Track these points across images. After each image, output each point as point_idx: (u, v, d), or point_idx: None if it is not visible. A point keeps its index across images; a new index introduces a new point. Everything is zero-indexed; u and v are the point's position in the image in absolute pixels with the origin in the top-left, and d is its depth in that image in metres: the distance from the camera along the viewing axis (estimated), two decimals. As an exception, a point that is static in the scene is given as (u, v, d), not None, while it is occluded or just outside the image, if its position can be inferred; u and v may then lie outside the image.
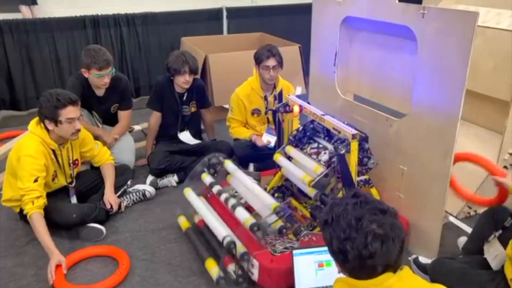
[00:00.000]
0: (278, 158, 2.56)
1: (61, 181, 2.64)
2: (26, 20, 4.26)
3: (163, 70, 3.39)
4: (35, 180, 2.37)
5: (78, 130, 2.51)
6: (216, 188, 2.48)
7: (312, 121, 2.53)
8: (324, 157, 2.37)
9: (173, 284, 2.23)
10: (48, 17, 4.35)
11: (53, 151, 2.51)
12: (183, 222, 2.59)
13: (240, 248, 2.13)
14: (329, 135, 2.47)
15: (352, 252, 1.18)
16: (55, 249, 2.26)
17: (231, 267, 2.15)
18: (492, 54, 2.82)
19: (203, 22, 5.08)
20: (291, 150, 2.52)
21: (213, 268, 2.17)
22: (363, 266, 1.19)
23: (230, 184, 2.58)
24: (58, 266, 2.21)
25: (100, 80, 2.98)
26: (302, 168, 2.41)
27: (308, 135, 2.55)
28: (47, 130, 2.47)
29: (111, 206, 2.69)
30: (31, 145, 2.43)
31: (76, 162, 2.70)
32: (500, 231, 1.97)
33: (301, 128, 2.57)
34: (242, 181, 2.44)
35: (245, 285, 2.15)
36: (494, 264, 1.92)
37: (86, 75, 2.99)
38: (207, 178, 2.57)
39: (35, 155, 2.41)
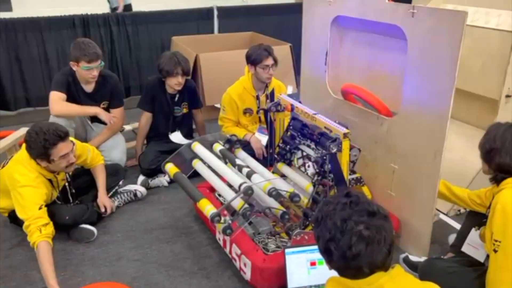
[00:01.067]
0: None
1: (55, 195, 2.57)
2: (14, 20, 4.20)
3: (153, 70, 3.37)
4: (40, 208, 2.26)
5: (72, 164, 2.40)
6: (229, 155, 2.47)
7: (287, 130, 2.52)
8: (310, 170, 2.37)
9: (165, 284, 2.23)
10: (37, 16, 4.31)
11: (50, 179, 2.44)
12: (170, 168, 2.50)
13: (242, 204, 2.11)
14: (310, 137, 2.40)
15: (336, 252, 1.19)
16: (56, 285, 2.05)
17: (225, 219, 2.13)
18: (481, 53, 2.86)
19: (193, 21, 5.06)
20: (282, 167, 2.54)
21: (207, 206, 2.12)
22: (347, 266, 1.20)
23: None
24: None
25: (88, 73, 2.93)
26: (295, 183, 2.43)
27: (289, 147, 2.52)
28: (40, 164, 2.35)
29: (105, 209, 2.66)
30: (29, 176, 2.31)
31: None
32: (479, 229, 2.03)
33: (280, 143, 2.56)
34: (255, 167, 2.43)
35: (231, 235, 2.14)
36: (477, 256, 2.01)
37: (74, 68, 2.95)
38: (219, 147, 2.55)
39: (35, 185, 2.31)
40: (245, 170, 2.32)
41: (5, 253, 2.45)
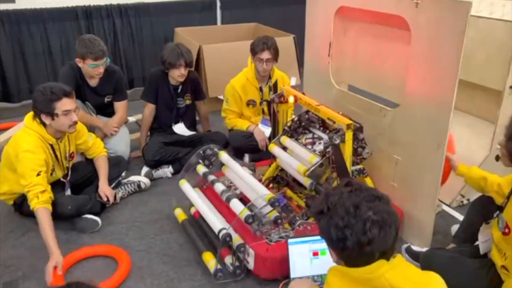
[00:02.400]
0: (273, 148, 2.56)
1: (58, 175, 2.63)
2: (17, 11, 4.20)
3: (156, 62, 3.37)
4: (38, 174, 2.33)
5: (76, 122, 2.48)
6: (210, 178, 2.49)
7: (307, 111, 2.54)
8: (319, 147, 2.38)
9: (169, 274, 2.25)
10: (39, 8, 4.30)
11: (51, 145, 2.49)
12: (179, 214, 2.59)
13: (236, 240, 2.14)
14: (324, 125, 2.48)
15: (351, 239, 1.19)
16: (56, 249, 2.17)
17: (228, 259, 2.17)
18: (485, 44, 2.84)
19: (196, 12, 5.04)
20: (286, 141, 2.53)
21: (210, 261, 2.18)
22: (361, 252, 1.21)
23: (225, 175, 2.59)
24: (56, 267, 2.12)
25: (95, 70, 2.95)
26: (297, 158, 2.42)
27: (303, 125, 2.56)
28: (44, 124, 2.43)
29: (107, 198, 2.69)
30: (29, 140, 2.39)
31: (72, 155, 2.69)
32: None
33: (296, 118, 2.57)
34: (237, 171, 2.44)
35: (242, 275, 2.17)
36: (482, 247, 1.97)
37: (80, 64, 2.96)
38: (201, 170, 2.58)
39: (34, 150, 2.37)
40: (225, 194, 2.34)
41: (11, 243, 2.47)
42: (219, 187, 2.42)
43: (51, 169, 2.52)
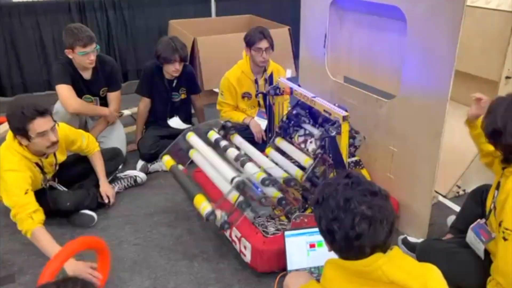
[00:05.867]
0: (270, 152, 2.54)
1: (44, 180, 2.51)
2: (9, 4, 4.15)
3: (151, 54, 3.34)
4: (25, 193, 2.15)
5: (55, 143, 2.28)
6: (222, 143, 2.41)
7: (294, 106, 2.51)
8: (311, 146, 2.37)
9: (166, 267, 2.25)
10: (32, 0, 4.25)
11: (36, 163, 2.35)
12: (167, 160, 2.46)
13: (236, 197, 2.03)
14: (313, 118, 2.45)
15: (339, 232, 1.19)
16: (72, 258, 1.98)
17: (219, 212, 2.07)
18: (481, 34, 2.83)
19: (190, 4, 5.00)
20: (280, 142, 2.52)
21: (202, 203, 2.08)
22: (350, 246, 1.20)
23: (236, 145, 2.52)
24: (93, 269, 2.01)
25: (85, 58, 2.89)
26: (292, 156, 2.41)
27: (293, 123, 2.53)
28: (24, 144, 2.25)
29: (108, 200, 2.66)
30: (12, 159, 2.22)
31: (62, 163, 2.59)
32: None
33: (284, 118, 2.55)
34: (248, 149, 2.41)
35: (227, 230, 2.12)
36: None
37: (70, 55, 2.91)
38: (214, 136, 2.48)
39: (18, 168, 2.21)
40: (239, 159, 2.27)
41: (6, 238, 2.46)
42: (233, 152, 2.32)
43: (40, 182, 2.42)
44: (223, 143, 2.43)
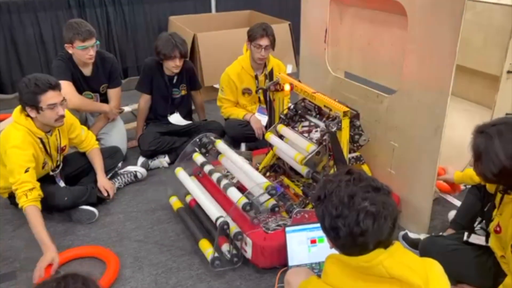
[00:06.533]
0: (270, 136, 2.55)
1: (51, 167, 2.59)
2: (8, 0, 4.13)
3: (151, 51, 3.33)
4: (26, 171, 2.26)
5: (62, 116, 2.38)
6: (207, 168, 2.48)
7: (303, 99, 2.52)
8: (316, 135, 2.37)
9: (167, 264, 2.25)
10: (31, -3, 4.24)
11: (41, 139, 2.42)
12: (174, 202, 2.59)
13: (234, 228, 2.13)
14: (320, 112, 2.46)
15: (343, 229, 1.18)
16: (51, 244, 2.13)
17: (226, 247, 2.16)
18: (483, 28, 2.82)
19: (190, 0, 4.97)
20: (282, 129, 2.51)
21: (207, 249, 2.17)
22: (354, 243, 1.20)
23: (222, 164, 2.58)
24: (49, 265, 2.08)
25: (85, 52, 2.88)
26: (294, 146, 2.41)
27: (300, 113, 2.54)
28: (31, 117, 2.35)
29: (108, 193, 2.67)
30: (16, 135, 2.31)
31: (64, 148, 2.63)
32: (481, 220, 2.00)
33: (292, 106, 2.56)
34: (234, 160, 2.43)
35: (239, 263, 2.17)
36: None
37: (70, 50, 2.90)
38: (198, 158, 2.56)
39: (22, 145, 2.30)
40: (222, 183, 2.33)
41: (8, 235, 2.46)
42: (215, 175, 2.40)
43: (42, 162, 2.47)
44: (208, 168, 2.50)
